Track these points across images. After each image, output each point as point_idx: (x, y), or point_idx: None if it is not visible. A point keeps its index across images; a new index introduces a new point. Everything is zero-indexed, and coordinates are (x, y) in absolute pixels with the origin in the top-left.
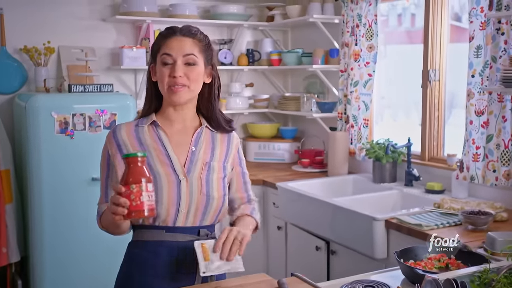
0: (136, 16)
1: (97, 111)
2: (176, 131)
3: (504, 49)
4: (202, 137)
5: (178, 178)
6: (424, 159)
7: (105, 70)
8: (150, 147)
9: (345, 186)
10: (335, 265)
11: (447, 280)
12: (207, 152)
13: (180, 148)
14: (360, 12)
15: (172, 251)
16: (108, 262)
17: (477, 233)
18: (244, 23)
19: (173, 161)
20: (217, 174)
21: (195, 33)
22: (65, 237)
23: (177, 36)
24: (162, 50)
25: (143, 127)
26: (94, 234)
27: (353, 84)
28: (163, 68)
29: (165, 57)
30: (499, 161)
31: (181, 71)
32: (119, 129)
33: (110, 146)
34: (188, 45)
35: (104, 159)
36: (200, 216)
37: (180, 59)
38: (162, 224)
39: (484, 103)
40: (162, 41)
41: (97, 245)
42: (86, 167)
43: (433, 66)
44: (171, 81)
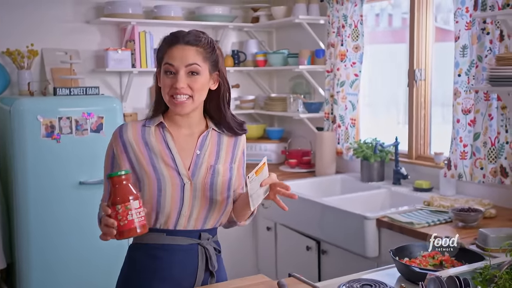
0: (121, 18)
1: (83, 114)
2: (182, 134)
3: (489, 48)
4: (208, 140)
5: (182, 182)
6: (411, 158)
7: (90, 73)
8: (156, 149)
9: (333, 186)
10: (326, 265)
11: (449, 277)
12: (212, 156)
13: (185, 152)
14: (346, 13)
15: (172, 255)
16: (98, 267)
17: (467, 230)
18: (229, 24)
19: (177, 164)
20: (222, 177)
21: (199, 39)
22: (53, 243)
23: (180, 45)
24: (165, 58)
25: (150, 128)
26: (82, 239)
27: (339, 84)
28: (165, 78)
29: (168, 66)
30: (486, 159)
31: (183, 82)
32: (126, 129)
33: (116, 145)
34: (191, 55)
35: (109, 158)
36: (202, 220)
37: (182, 69)
38: (163, 227)
39: (470, 101)
40: (165, 49)
41: (86, 250)
42: (73, 171)
43: (419, 65)
44: (173, 91)
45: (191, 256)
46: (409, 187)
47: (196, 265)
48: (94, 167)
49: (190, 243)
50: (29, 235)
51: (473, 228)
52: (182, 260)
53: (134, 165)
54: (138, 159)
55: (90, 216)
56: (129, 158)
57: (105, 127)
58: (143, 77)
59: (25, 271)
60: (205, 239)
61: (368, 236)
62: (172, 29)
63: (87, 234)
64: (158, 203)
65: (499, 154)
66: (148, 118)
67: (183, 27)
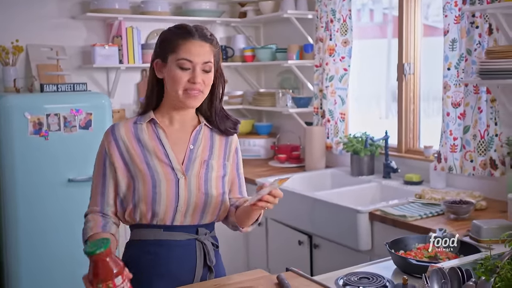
0: (107, 13)
1: (72, 111)
2: (175, 129)
3: (478, 42)
4: (201, 135)
5: (176, 177)
6: (401, 151)
7: (76, 69)
8: (149, 145)
9: (323, 180)
10: (318, 259)
11: (452, 268)
12: (205, 151)
13: (178, 147)
14: (334, 7)
15: (170, 251)
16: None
17: (459, 222)
18: (216, 20)
19: (171, 160)
20: (216, 173)
21: (212, 38)
22: (42, 241)
23: (195, 40)
24: (180, 53)
25: (141, 125)
26: (71, 236)
27: (328, 79)
28: (180, 72)
29: (184, 62)
30: (475, 151)
31: (201, 77)
32: (118, 127)
33: (108, 144)
34: (207, 52)
35: (101, 158)
36: (198, 215)
37: (199, 66)
38: (160, 223)
39: (460, 95)
40: (179, 42)
41: (76, 248)
42: (62, 169)
43: (408, 59)
44: (190, 86)
45: (189, 252)
46: (399, 180)
47: (194, 260)
48: (83, 164)
49: (187, 238)
50: (18, 233)
51: (465, 220)
52: (180, 255)
53: (127, 163)
54: (132, 157)
55: (79, 214)
56: (122, 157)
57: (94, 124)
58: (131, 73)
59: (14, 269)
60: (203, 234)
61: (361, 230)
62: (159, 24)
63: (76, 232)
64: (154, 199)
65: (488, 147)
66: (139, 115)
67: (170, 22)
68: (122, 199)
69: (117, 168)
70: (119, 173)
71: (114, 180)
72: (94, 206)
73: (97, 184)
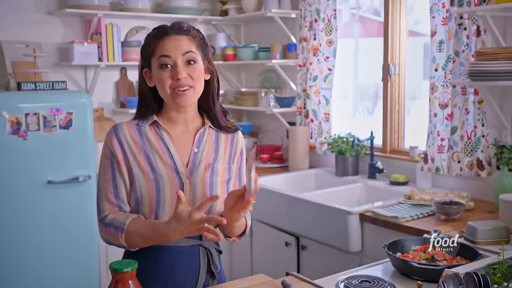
0: (86, 9)
1: (51, 110)
2: (179, 132)
3: (466, 43)
4: (205, 138)
5: (181, 181)
6: (386, 152)
7: (53, 67)
8: (153, 147)
9: (307, 181)
10: (306, 260)
11: (467, 273)
12: (210, 153)
13: (182, 150)
14: (319, 7)
15: (175, 257)
16: (68, 268)
17: (450, 222)
18: (198, 18)
19: (176, 163)
20: (221, 177)
21: (188, 29)
22: (20, 245)
23: (170, 36)
24: (157, 52)
25: (145, 127)
26: (51, 239)
27: (312, 79)
28: (162, 72)
29: (163, 59)
30: (462, 152)
31: (184, 71)
32: (121, 128)
33: (113, 145)
34: (185, 43)
35: (107, 160)
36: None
37: (179, 59)
38: None
39: (448, 96)
40: (155, 42)
41: (56, 251)
42: (41, 170)
43: (393, 60)
44: (175, 84)
45: (193, 258)
46: (385, 181)
47: (198, 267)
48: (63, 165)
49: (192, 244)
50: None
51: (455, 220)
52: (184, 262)
53: (131, 165)
54: (136, 159)
55: (60, 216)
56: (126, 158)
57: (75, 124)
58: (110, 71)
59: None
60: (207, 240)
61: (351, 231)
62: (139, 21)
63: (56, 235)
64: (157, 203)
65: (475, 148)
66: (140, 119)
67: (151, 19)
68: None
69: (124, 170)
70: (125, 173)
71: (123, 180)
72: (110, 207)
73: (108, 187)
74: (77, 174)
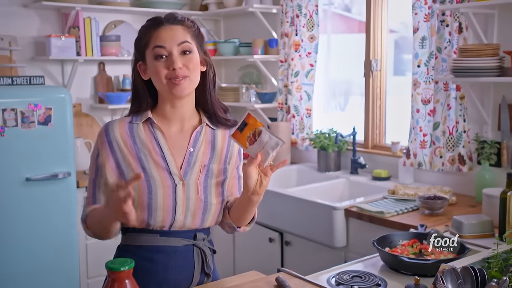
0: (64, 2)
1: (30, 105)
2: (174, 131)
3: (448, 40)
4: (202, 137)
5: (174, 182)
6: (368, 147)
7: (29, 61)
8: (145, 147)
9: (289, 176)
10: (290, 256)
11: (464, 268)
12: (206, 153)
13: (177, 149)
14: (300, 3)
15: (169, 257)
16: (45, 266)
17: (434, 217)
18: (178, 11)
19: (169, 164)
20: (216, 178)
21: (183, 19)
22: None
23: (165, 26)
24: (152, 43)
25: (138, 124)
26: (30, 238)
27: (293, 74)
28: (157, 63)
29: (158, 49)
30: (444, 147)
31: (180, 61)
32: (112, 127)
33: (101, 145)
34: (180, 33)
35: (94, 158)
36: (197, 221)
37: (175, 49)
38: (156, 229)
39: (430, 92)
40: (149, 33)
41: (35, 250)
42: (19, 167)
43: (375, 56)
44: (171, 74)
45: (187, 258)
46: (367, 176)
47: (192, 267)
48: (42, 162)
49: (185, 244)
50: None
51: (439, 215)
52: (178, 262)
53: (121, 166)
54: (126, 160)
55: (38, 215)
56: (116, 159)
57: (54, 119)
58: (88, 66)
59: None
60: (201, 240)
61: (337, 226)
62: (118, 15)
63: (35, 234)
64: (149, 206)
65: (457, 143)
66: (134, 115)
67: (129, 13)
68: None
69: (107, 172)
70: (110, 176)
71: (105, 182)
72: (88, 206)
73: (90, 188)
74: (56, 171)
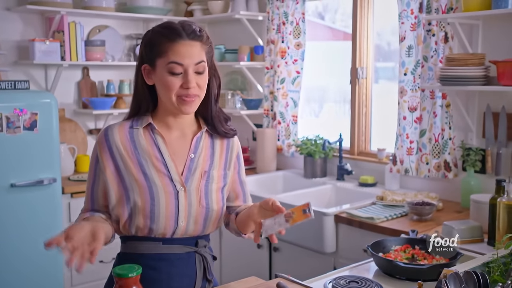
0: (48, 6)
1: (15, 110)
2: (174, 137)
3: (435, 49)
4: (202, 143)
5: (175, 189)
6: (354, 154)
7: (12, 65)
8: (146, 153)
9: (276, 182)
10: (278, 262)
11: (467, 272)
12: (206, 160)
13: (178, 155)
14: (287, 10)
15: (172, 265)
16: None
17: (422, 222)
18: (163, 18)
19: (170, 170)
20: (216, 184)
21: (201, 34)
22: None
23: (184, 40)
24: (169, 56)
25: (138, 130)
26: (12, 244)
27: (279, 81)
28: (171, 78)
29: (175, 66)
30: (430, 154)
31: (194, 81)
32: (112, 132)
33: (101, 150)
34: (197, 52)
35: (92, 164)
36: (199, 228)
37: (191, 67)
38: (159, 236)
39: (417, 99)
40: (167, 44)
41: (17, 256)
42: (4, 173)
43: (361, 64)
44: (184, 92)
45: (189, 265)
46: (354, 182)
47: (194, 274)
48: (27, 167)
49: (187, 251)
50: None
51: (427, 221)
52: (180, 270)
53: (121, 172)
54: (127, 166)
55: (24, 222)
56: (116, 165)
57: (40, 124)
58: (72, 70)
59: None
60: (202, 246)
61: (327, 232)
62: (103, 20)
63: (20, 241)
64: (152, 212)
65: (443, 150)
66: (134, 119)
67: (114, 18)
68: (111, 209)
69: (107, 177)
70: (110, 182)
71: (105, 188)
72: (84, 212)
73: (87, 193)
74: (41, 177)
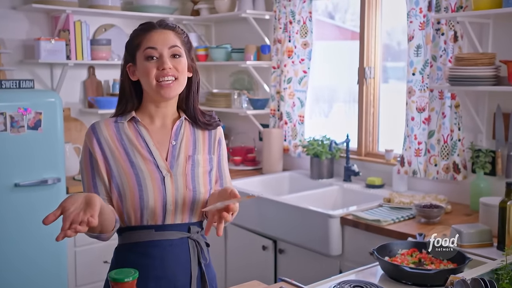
0: (53, 5)
1: (19, 109)
2: (157, 127)
3: (444, 48)
4: (182, 130)
5: (161, 174)
6: (361, 155)
7: (17, 64)
8: (132, 143)
9: (282, 183)
10: (283, 264)
11: (474, 279)
12: (188, 146)
13: (161, 144)
14: (294, 9)
15: (164, 251)
16: (33, 273)
17: (430, 225)
18: (169, 17)
19: (155, 157)
20: (203, 168)
21: (174, 26)
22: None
23: (157, 30)
24: (144, 44)
25: (123, 123)
26: (16, 245)
27: (286, 81)
28: (148, 63)
29: (150, 51)
30: (439, 156)
31: (170, 63)
32: (99, 127)
33: (92, 145)
34: (171, 37)
35: (86, 158)
36: (188, 212)
37: (165, 51)
38: (151, 223)
39: (425, 100)
40: (141, 36)
41: (20, 256)
42: (8, 172)
43: (368, 63)
44: (160, 74)
45: (183, 251)
46: (361, 183)
47: (189, 259)
48: (31, 167)
49: (180, 237)
50: None
51: (435, 224)
52: (175, 256)
53: (110, 163)
54: (115, 156)
55: (27, 222)
56: (105, 157)
57: (44, 124)
58: (78, 70)
59: None
60: (195, 232)
61: (332, 235)
62: (109, 19)
63: (24, 241)
64: (141, 198)
65: (452, 151)
66: (118, 116)
67: (120, 17)
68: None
69: (101, 168)
70: (104, 174)
71: (102, 180)
72: None
73: (88, 188)
74: (45, 177)
